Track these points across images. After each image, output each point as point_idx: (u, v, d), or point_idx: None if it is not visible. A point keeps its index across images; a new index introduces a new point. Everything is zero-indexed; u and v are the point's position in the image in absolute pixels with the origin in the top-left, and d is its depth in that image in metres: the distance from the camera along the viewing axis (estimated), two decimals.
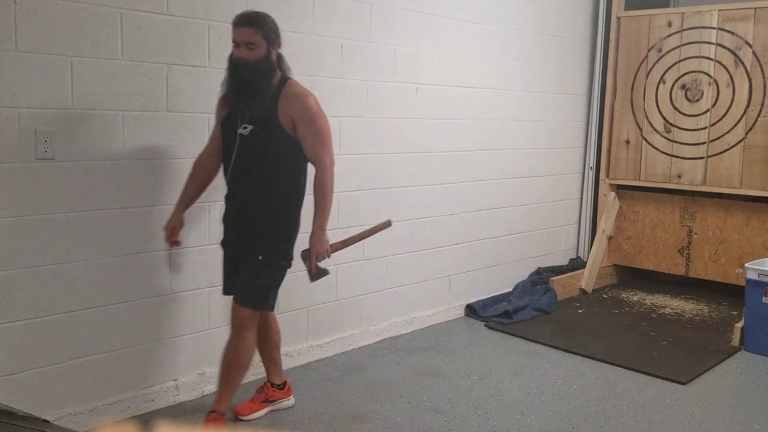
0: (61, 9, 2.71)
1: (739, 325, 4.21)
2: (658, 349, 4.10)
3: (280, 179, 2.84)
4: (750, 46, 4.70)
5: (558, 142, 5.34)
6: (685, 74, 4.99)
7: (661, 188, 5.24)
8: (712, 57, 4.87)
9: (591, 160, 5.59)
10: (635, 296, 5.23)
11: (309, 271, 2.95)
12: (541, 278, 5.16)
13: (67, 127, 2.77)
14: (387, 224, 3.23)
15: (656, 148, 5.16)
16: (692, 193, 5.11)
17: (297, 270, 3.66)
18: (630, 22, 5.26)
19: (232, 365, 2.85)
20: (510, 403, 3.33)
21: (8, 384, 2.71)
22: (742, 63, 4.74)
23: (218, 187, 3.27)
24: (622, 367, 3.81)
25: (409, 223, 4.23)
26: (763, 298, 4.05)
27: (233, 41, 2.74)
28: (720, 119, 4.86)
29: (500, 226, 4.91)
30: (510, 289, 5.02)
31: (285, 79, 2.83)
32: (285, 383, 3.21)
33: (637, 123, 5.25)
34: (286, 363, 3.66)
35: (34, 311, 2.76)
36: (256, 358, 3.04)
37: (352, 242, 3.16)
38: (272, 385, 3.17)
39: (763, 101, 4.67)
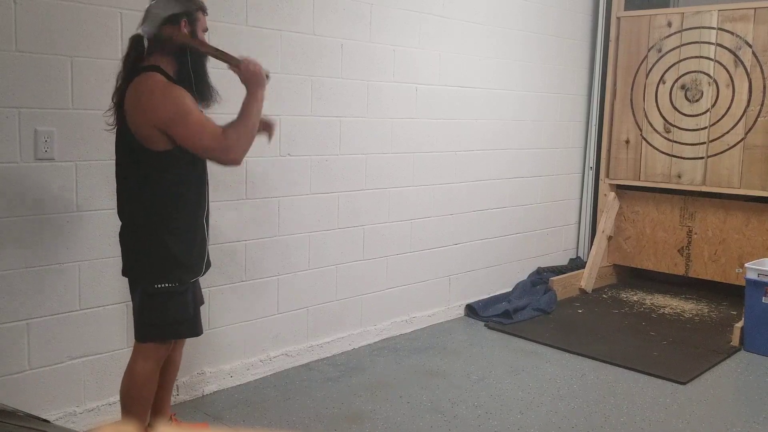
0: (61, 9, 2.71)
1: (739, 325, 4.21)
2: (658, 349, 4.10)
3: None
4: (750, 46, 4.70)
5: (558, 142, 5.34)
6: (685, 74, 4.99)
7: (660, 188, 5.24)
8: (712, 57, 4.87)
9: (591, 160, 5.59)
10: (635, 296, 5.23)
11: None
12: (541, 278, 5.16)
13: (67, 127, 2.77)
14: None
15: (656, 148, 5.16)
16: (692, 193, 5.11)
17: (297, 270, 3.68)
18: (630, 22, 5.26)
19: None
20: (510, 403, 3.33)
21: (8, 384, 2.71)
22: (742, 63, 4.74)
23: (218, 187, 3.27)
24: (622, 367, 3.81)
25: (409, 223, 4.24)
26: (763, 298, 4.05)
27: (205, 29, 2.52)
28: (720, 119, 4.86)
29: (500, 226, 4.91)
30: (510, 289, 5.02)
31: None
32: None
33: (636, 123, 5.25)
34: (286, 363, 3.67)
35: (34, 311, 2.76)
36: None
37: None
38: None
39: (763, 101, 4.67)
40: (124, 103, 2.36)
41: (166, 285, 2.45)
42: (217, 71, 3.11)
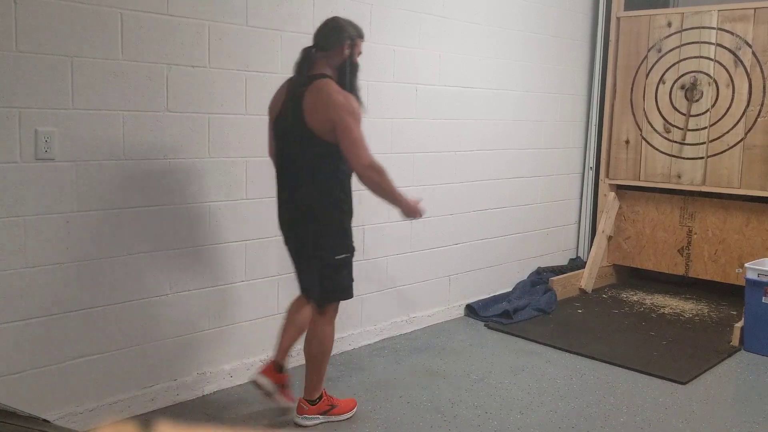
0: (61, 9, 2.71)
1: (739, 325, 4.22)
2: (657, 349, 4.10)
3: None
4: (749, 46, 4.70)
5: (558, 142, 5.34)
6: (684, 74, 4.99)
7: (660, 188, 5.25)
8: (712, 57, 4.87)
9: (591, 160, 5.59)
10: (635, 296, 5.24)
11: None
12: (541, 278, 5.16)
13: (67, 127, 2.77)
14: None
15: (656, 148, 5.16)
16: (692, 193, 5.11)
17: None
18: (630, 23, 5.26)
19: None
20: (510, 403, 3.33)
21: (8, 384, 2.71)
22: (742, 63, 4.74)
23: (218, 187, 3.27)
24: (622, 367, 3.81)
25: (409, 223, 4.23)
26: (763, 298, 4.05)
27: (360, 53, 2.94)
28: (720, 119, 4.86)
29: (500, 226, 4.91)
30: (510, 289, 5.02)
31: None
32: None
33: (636, 123, 5.25)
34: (286, 363, 3.66)
35: (34, 311, 2.76)
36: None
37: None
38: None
39: (763, 101, 4.68)
40: (302, 104, 2.74)
41: (344, 255, 2.90)
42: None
